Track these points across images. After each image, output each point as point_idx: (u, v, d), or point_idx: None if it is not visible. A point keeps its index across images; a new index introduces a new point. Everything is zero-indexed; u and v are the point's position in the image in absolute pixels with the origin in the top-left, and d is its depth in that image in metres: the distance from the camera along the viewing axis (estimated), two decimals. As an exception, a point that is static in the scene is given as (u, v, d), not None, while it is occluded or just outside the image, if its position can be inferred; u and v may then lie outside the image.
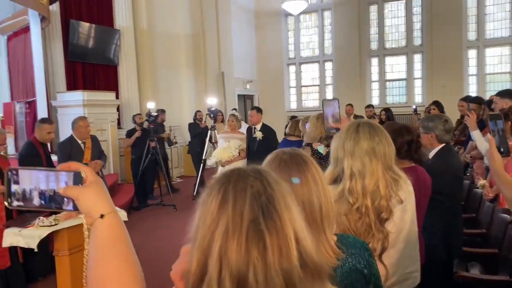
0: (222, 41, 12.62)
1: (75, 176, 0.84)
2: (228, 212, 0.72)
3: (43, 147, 4.48)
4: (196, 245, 0.73)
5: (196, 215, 0.77)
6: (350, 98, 11.29)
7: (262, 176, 0.78)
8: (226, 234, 0.70)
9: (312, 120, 3.20)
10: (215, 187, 0.77)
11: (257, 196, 0.73)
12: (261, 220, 0.71)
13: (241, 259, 0.68)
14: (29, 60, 8.07)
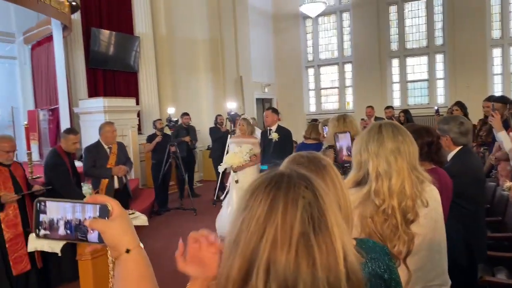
0: (240, 45, 12.67)
1: (101, 209, 0.84)
2: (277, 221, 0.70)
3: (68, 156, 4.56)
4: (239, 251, 0.71)
5: (238, 217, 0.75)
6: (370, 100, 11.18)
7: (314, 186, 0.76)
8: (274, 245, 0.68)
9: (332, 122, 3.15)
10: (262, 191, 0.74)
11: (309, 208, 0.71)
12: (312, 235, 0.69)
13: (290, 273, 0.66)
14: (52, 68, 8.26)
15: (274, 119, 5.81)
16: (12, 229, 3.75)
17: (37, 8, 6.71)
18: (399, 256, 1.47)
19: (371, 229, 1.48)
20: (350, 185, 1.57)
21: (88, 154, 5.02)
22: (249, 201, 0.75)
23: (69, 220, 0.83)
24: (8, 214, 3.75)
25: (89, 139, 8.22)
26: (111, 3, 9.45)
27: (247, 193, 0.77)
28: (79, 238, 0.84)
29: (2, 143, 3.78)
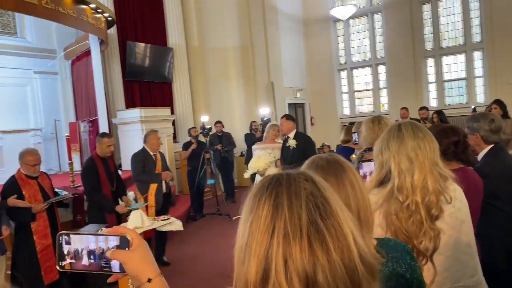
0: (271, 51, 12.74)
1: (122, 240, 0.87)
2: (285, 215, 0.71)
3: (103, 162, 4.65)
4: (252, 252, 0.72)
5: (245, 221, 0.77)
6: (405, 101, 10.95)
7: (312, 178, 0.79)
8: (286, 238, 0.70)
9: (367, 124, 3.12)
10: (264, 192, 0.77)
11: (311, 197, 0.74)
12: (320, 221, 0.71)
13: (307, 262, 0.68)
14: (91, 81, 8.63)
15: (289, 127, 5.61)
16: (43, 240, 3.87)
17: (76, 25, 7.04)
18: (426, 253, 1.47)
19: (396, 226, 1.49)
20: (374, 185, 1.58)
21: (137, 159, 5.20)
22: (253, 203, 0.77)
23: (93, 249, 0.87)
24: (39, 225, 3.88)
25: (127, 148, 8.53)
26: (145, 17, 9.78)
27: (250, 197, 0.80)
28: (103, 266, 0.87)
29: (27, 157, 3.92)
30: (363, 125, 3.23)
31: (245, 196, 0.84)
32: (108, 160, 4.76)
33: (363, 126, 3.17)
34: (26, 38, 9.64)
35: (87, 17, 7.05)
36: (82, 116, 9.27)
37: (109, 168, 4.76)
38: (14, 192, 3.76)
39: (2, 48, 9.06)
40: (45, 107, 9.75)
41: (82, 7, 6.90)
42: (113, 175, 4.78)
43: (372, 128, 3.20)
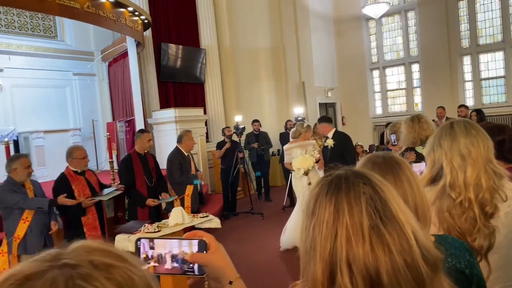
0: (302, 51, 12.72)
1: (200, 243, 0.90)
2: (346, 221, 0.76)
3: (141, 158, 4.78)
4: (317, 255, 0.77)
5: (308, 225, 0.81)
6: (440, 101, 10.69)
7: (371, 181, 0.81)
8: (349, 243, 0.74)
9: (407, 123, 3.09)
10: (324, 197, 0.80)
11: (371, 202, 0.77)
12: (381, 225, 0.75)
13: (370, 264, 0.72)
14: (127, 82, 8.87)
15: (325, 129, 5.60)
16: (92, 232, 4.06)
17: (115, 28, 7.27)
18: (480, 251, 1.45)
19: (449, 224, 1.48)
20: (425, 182, 1.58)
21: (175, 161, 5.31)
22: (314, 208, 0.81)
23: (175, 254, 0.89)
24: (89, 218, 4.08)
25: (162, 148, 8.72)
26: (179, 19, 9.95)
27: (310, 201, 0.83)
28: (186, 270, 0.89)
29: (76, 152, 4.16)
30: (402, 125, 3.20)
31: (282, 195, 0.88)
32: (148, 156, 4.87)
33: (403, 126, 3.14)
34: (65, 41, 10.01)
35: (125, 20, 7.26)
36: (119, 116, 9.54)
37: (147, 165, 4.84)
38: (65, 188, 3.97)
39: (44, 51, 9.45)
40: (84, 108, 10.09)
41: (120, 10, 7.11)
42: (152, 171, 4.86)
43: (412, 127, 3.17)
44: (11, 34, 9.05)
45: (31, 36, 9.45)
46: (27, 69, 9.09)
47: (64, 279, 0.45)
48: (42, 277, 0.45)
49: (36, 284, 0.44)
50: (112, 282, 0.46)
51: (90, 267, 0.47)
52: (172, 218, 3.98)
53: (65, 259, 0.48)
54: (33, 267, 0.47)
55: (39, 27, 9.66)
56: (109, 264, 0.48)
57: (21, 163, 3.71)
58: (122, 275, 0.48)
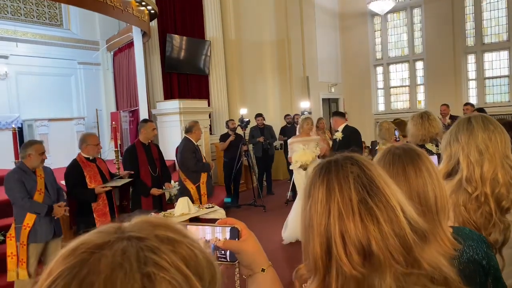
0: (307, 45, 12.70)
1: (232, 230, 0.91)
2: (337, 198, 0.82)
3: (145, 148, 4.81)
4: (315, 232, 0.83)
5: (306, 207, 0.88)
6: (443, 98, 10.66)
7: (357, 161, 0.88)
8: (341, 217, 0.80)
9: (415, 120, 3.09)
10: (317, 179, 0.87)
11: (358, 179, 0.83)
12: (368, 199, 0.81)
13: (361, 235, 0.79)
14: (132, 73, 8.87)
15: (338, 123, 5.79)
16: (102, 218, 4.10)
17: (122, 17, 7.26)
18: (495, 245, 1.47)
19: (464, 218, 1.50)
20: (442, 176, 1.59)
21: (189, 150, 5.37)
22: (309, 190, 0.88)
23: (208, 240, 0.90)
24: (99, 204, 4.13)
25: (166, 139, 8.75)
26: (185, 10, 9.93)
27: (307, 184, 0.90)
28: (219, 257, 0.91)
29: (91, 138, 4.23)
30: (410, 122, 3.20)
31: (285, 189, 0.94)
32: (152, 146, 4.91)
33: (410, 123, 3.15)
34: (71, 29, 9.99)
35: (132, 9, 7.25)
36: (123, 106, 9.55)
37: (151, 155, 4.87)
38: (77, 174, 4.03)
39: (49, 39, 9.44)
40: (88, 97, 10.10)
41: (127, 0, 7.09)
42: (156, 161, 4.90)
43: (422, 124, 3.17)
44: (17, 21, 9.04)
45: (37, 23, 9.44)
46: (32, 56, 9.09)
47: (135, 251, 0.46)
48: (112, 247, 0.46)
49: (107, 254, 0.45)
50: (178, 256, 0.47)
51: (157, 241, 0.48)
52: (178, 208, 4.01)
53: (130, 232, 0.48)
54: (101, 238, 0.48)
55: (44, 14, 9.64)
56: (173, 239, 0.49)
57: (35, 149, 3.71)
58: (186, 250, 0.49)
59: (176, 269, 0.46)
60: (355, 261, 0.78)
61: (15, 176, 3.66)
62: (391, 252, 0.78)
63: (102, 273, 0.43)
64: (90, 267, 0.44)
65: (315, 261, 0.82)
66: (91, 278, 0.43)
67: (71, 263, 0.45)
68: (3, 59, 8.71)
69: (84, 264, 0.44)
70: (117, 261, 0.44)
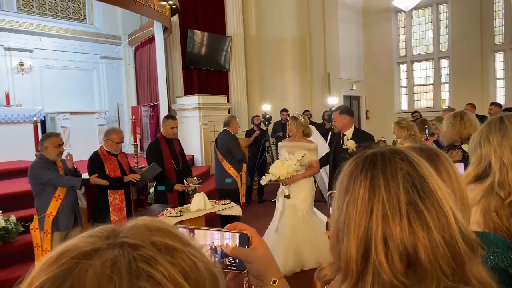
0: (329, 42, 12.54)
1: (242, 237, 0.83)
2: (382, 197, 0.73)
3: (168, 143, 4.79)
4: (351, 232, 0.74)
5: (341, 202, 0.78)
6: (469, 98, 10.37)
7: (407, 156, 0.78)
8: (385, 219, 0.71)
9: (448, 120, 2.98)
10: (359, 174, 0.77)
11: (408, 178, 0.74)
12: (419, 201, 0.72)
13: (408, 240, 0.70)
14: (153, 68, 8.92)
15: (344, 122, 4.36)
16: (117, 212, 4.11)
17: (144, 12, 7.29)
18: None
19: (496, 224, 1.40)
20: (470, 180, 1.50)
21: (236, 141, 5.43)
22: (348, 185, 0.78)
23: (215, 247, 0.83)
24: (116, 198, 4.13)
25: (185, 133, 8.77)
26: (206, 5, 9.91)
27: (344, 177, 0.80)
28: (228, 264, 0.83)
29: (112, 134, 4.20)
30: (444, 121, 3.10)
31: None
32: (174, 141, 4.90)
33: (445, 123, 3.04)
34: (94, 24, 10.11)
35: (154, 4, 7.26)
36: (143, 101, 9.61)
37: (174, 149, 4.86)
38: (97, 165, 4.06)
39: (72, 34, 9.57)
40: (109, 91, 10.22)
41: (149, -6, 7.12)
42: (179, 156, 4.89)
43: (454, 125, 3.06)
44: (42, 15, 9.19)
45: (61, 18, 9.58)
46: (56, 50, 9.24)
47: (127, 261, 0.40)
48: (101, 256, 0.41)
49: (94, 264, 0.40)
50: (176, 268, 0.42)
51: (153, 249, 0.42)
52: (194, 203, 3.99)
53: (124, 238, 0.43)
54: (90, 243, 0.43)
55: (68, 9, 9.78)
56: (172, 247, 0.44)
57: (51, 142, 3.75)
58: (186, 260, 0.43)
59: (173, 284, 0.40)
60: (398, 269, 0.69)
61: (41, 164, 3.72)
62: (439, 263, 0.69)
63: (87, 287, 0.38)
64: (74, 279, 0.39)
65: (348, 263, 0.74)
66: None
67: (54, 272, 0.40)
68: (27, 52, 8.88)
69: (68, 275, 0.39)
70: (105, 273, 0.39)
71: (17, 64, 8.68)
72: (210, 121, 8.74)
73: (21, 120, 7.84)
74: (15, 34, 8.71)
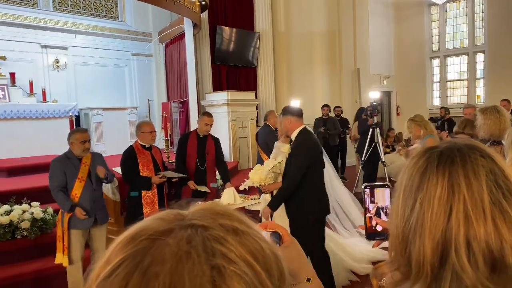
0: (359, 37, 12.34)
1: (273, 235, 0.82)
2: (463, 197, 0.69)
3: (199, 140, 4.70)
4: (427, 233, 0.70)
5: (411, 200, 0.74)
6: (505, 94, 10.00)
7: (488, 153, 0.74)
8: (468, 220, 0.68)
9: (491, 113, 2.90)
10: (434, 171, 0.73)
11: (492, 176, 0.70)
12: (503, 201, 0.68)
13: (493, 242, 0.66)
14: (182, 64, 9.02)
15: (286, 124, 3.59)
16: (149, 206, 4.17)
17: (174, 9, 7.37)
18: None
19: None
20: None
21: (274, 133, 5.38)
22: (421, 183, 0.73)
23: None
24: (148, 192, 4.19)
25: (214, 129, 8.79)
26: (235, 1, 9.92)
27: (414, 175, 0.75)
28: None
29: (143, 126, 4.26)
30: (478, 116, 3.01)
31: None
32: (208, 139, 4.76)
33: (479, 117, 2.95)
34: (126, 21, 10.32)
35: (184, 1, 7.34)
36: (173, 97, 9.75)
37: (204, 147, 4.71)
38: (131, 160, 4.12)
39: (105, 31, 9.81)
40: (140, 87, 10.42)
41: (179, -9, 7.19)
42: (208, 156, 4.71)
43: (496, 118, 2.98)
44: (76, 13, 9.46)
45: (94, 16, 9.83)
46: (89, 47, 9.50)
47: (201, 240, 0.42)
48: (176, 235, 0.42)
49: (171, 242, 0.41)
50: (245, 248, 0.43)
51: (222, 230, 0.43)
52: (224, 198, 4.03)
53: (193, 220, 0.44)
54: (161, 225, 0.44)
55: (101, 7, 10.01)
56: (239, 229, 0.45)
57: (76, 138, 3.74)
58: (253, 242, 0.44)
59: (245, 263, 0.41)
60: (481, 272, 0.66)
61: (57, 164, 3.70)
62: None
63: (167, 263, 0.39)
64: (153, 256, 0.40)
65: (420, 265, 0.70)
66: (155, 269, 0.39)
67: (132, 250, 0.41)
68: (63, 50, 9.16)
69: (147, 253, 0.41)
70: (183, 250, 0.40)
71: (53, 61, 8.98)
72: (238, 117, 8.78)
73: (56, 115, 8.10)
74: (51, 32, 9.01)
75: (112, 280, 0.40)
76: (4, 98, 7.87)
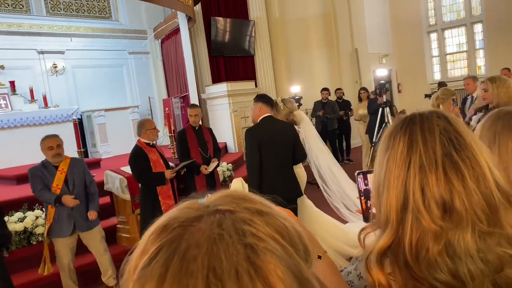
0: (354, 16, 12.22)
1: None
2: (419, 150, 0.77)
3: (195, 131, 4.90)
4: (391, 184, 0.78)
5: (382, 160, 0.83)
6: (507, 63, 9.94)
7: (444, 115, 0.82)
8: (422, 170, 0.76)
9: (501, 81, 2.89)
10: (398, 131, 0.82)
11: (445, 133, 0.78)
12: (454, 153, 0.76)
13: (444, 189, 0.74)
14: (180, 59, 9.00)
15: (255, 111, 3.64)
16: (167, 200, 4.24)
17: (166, 4, 7.36)
18: None
19: None
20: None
21: None
22: (388, 142, 0.83)
23: None
24: (163, 187, 4.26)
25: (216, 121, 8.86)
26: (227, -9, 9.85)
27: (385, 138, 0.85)
28: None
29: (146, 123, 4.30)
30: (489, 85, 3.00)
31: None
32: (203, 129, 5.04)
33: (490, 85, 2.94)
34: (120, 20, 10.28)
35: (176, -5, 7.30)
36: (173, 93, 9.75)
37: (202, 137, 4.95)
38: (142, 158, 4.15)
39: (100, 32, 9.79)
40: (140, 85, 10.43)
41: (171, -14, 7.15)
42: (208, 144, 4.98)
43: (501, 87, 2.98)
44: (70, 16, 9.43)
45: (88, 18, 9.80)
46: (86, 50, 9.49)
47: (231, 222, 0.44)
48: (206, 220, 0.45)
49: (202, 227, 0.44)
50: (272, 227, 0.46)
51: (248, 213, 0.46)
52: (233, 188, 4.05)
53: (217, 206, 0.47)
54: (189, 213, 0.46)
55: (94, 8, 9.97)
56: (262, 211, 0.48)
57: (44, 145, 3.66)
58: (276, 221, 0.47)
59: (273, 239, 0.45)
60: (435, 214, 0.74)
61: (33, 173, 3.66)
62: (474, 209, 0.73)
63: (202, 246, 0.42)
64: (188, 241, 0.43)
65: (387, 213, 0.79)
66: (193, 252, 0.41)
67: (167, 238, 0.44)
68: (60, 54, 9.16)
69: (182, 239, 0.43)
70: (215, 233, 0.43)
71: (50, 66, 8.99)
72: (240, 107, 8.79)
73: (59, 120, 8.14)
74: (47, 37, 9.00)
75: (152, 268, 0.42)
76: (7, 107, 7.91)
